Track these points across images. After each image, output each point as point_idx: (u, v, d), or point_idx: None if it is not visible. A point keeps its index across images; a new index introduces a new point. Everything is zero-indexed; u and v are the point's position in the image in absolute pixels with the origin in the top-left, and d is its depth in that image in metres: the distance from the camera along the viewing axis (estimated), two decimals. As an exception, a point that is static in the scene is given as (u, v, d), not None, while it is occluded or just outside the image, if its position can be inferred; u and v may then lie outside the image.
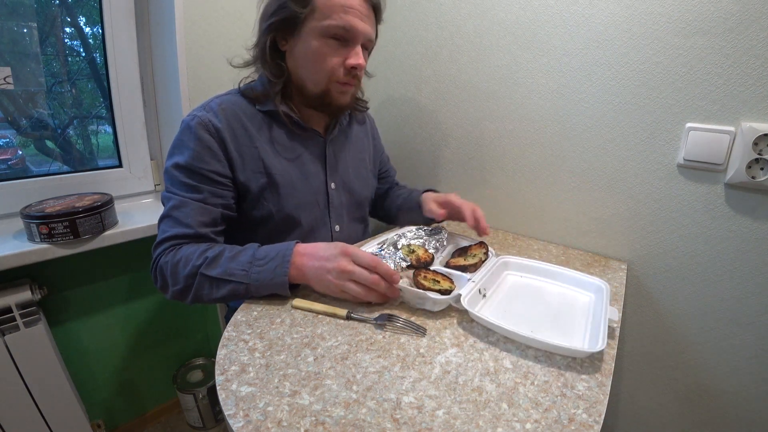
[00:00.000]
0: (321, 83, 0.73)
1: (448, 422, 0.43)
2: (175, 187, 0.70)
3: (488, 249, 0.79)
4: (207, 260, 0.65)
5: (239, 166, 0.73)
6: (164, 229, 0.70)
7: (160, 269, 0.68)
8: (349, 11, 0.68)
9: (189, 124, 0.71)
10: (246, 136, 0.73)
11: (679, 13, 0.73)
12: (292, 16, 0.69)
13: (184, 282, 0.65)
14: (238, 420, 0.42)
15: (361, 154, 0.92)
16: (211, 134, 0.70)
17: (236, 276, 0.64)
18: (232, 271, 0.64)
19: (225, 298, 0.65)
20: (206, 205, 0.70)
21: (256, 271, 0.63)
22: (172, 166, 0.71)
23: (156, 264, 0.69)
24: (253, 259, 0.65)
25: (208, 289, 0.65)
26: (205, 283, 0.64)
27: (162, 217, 0.71)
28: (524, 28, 0.91)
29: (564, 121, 0.91)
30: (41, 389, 0.89)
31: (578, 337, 0.59)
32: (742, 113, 0.72)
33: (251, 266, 0.64)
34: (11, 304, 0.84)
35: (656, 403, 0.94)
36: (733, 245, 0.77)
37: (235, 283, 0.63)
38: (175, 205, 0.69)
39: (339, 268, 0.62)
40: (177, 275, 0.66)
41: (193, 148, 0.69)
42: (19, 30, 0.92)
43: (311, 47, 0.70)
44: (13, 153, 0.99)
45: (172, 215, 0.69)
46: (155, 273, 0.69)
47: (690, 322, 0.85)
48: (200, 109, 0.73)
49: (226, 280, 0.64)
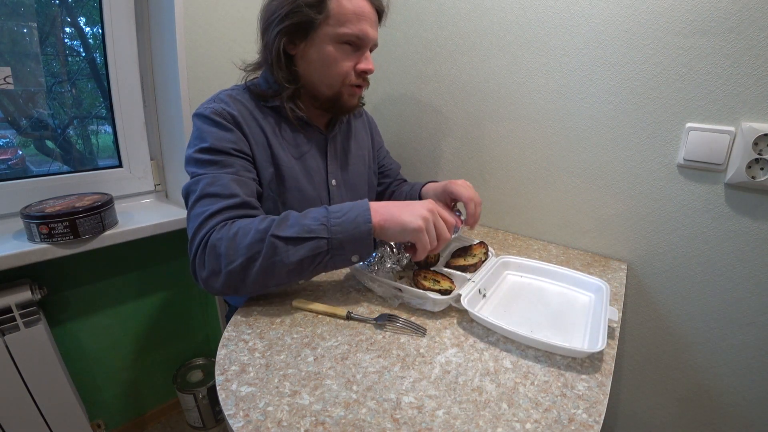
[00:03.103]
0: (334, 87, 0.74)
1: (448, 422, 0.43)
2: (202, 169, 0.66)
3: (488, 249, 0.79)
4: (275, 222, 0.59)
5: (256, 153, 0.72)
6: (202, 209, 0.62)
7: (212, 248, 0.59)
8: (362, 19, 0.70)
9: (203, 114, 0.70)
10: (256, 126, 0.73)
11: (679, 13, 0.73)
12: (307, 21, 0.68)
13: (246, 252, 0.57)
14: (238, 420, 0.42)
15: (361, 150, 0.92)
16: (227, 120, 0.70)
17: (315, 231, 0.58)
18: (309, 227, 0.58)
19: (302, 262, 0.58)
20: (241, 178, 0.66)
21: (336, 223, 0.59)
22: (195, 151, 0.67)
23: (201, 246, 0.60)
24: (329, 213, 0.60)
25: (282, 253, 0.57)
26: (278, 246, 0.58)
27: (196, 199, 0.64)
28: (524, 28, 0.91)
29: (564, 121, 0.91)
30: (41, 389, 0.89)
31: (578, 337, 0.59)
32: (742, 113, 0.72)
33: (328, 219, 0.59)
34: (11, 304, 0.84)
35: (656, 403, 0.94)
36: (733, 245, 0.77)
37: (316, 240, 0.58)
38: (209, 182, 0.64)
39: (432, 208, 0.62)
40: (236, 248, 0.58)
41: (215, 132, 0.68)
42: (19, 30, 0.92)
43: (325, 52, 0.71)
44: (13, 153, 0.99)
45: (209, 192, 0.63)
46: (202, 256, 0.60)
47: (690, 322, 0.85)
48: (210, 101, 0.72)
49: (303, 238, 0.58)
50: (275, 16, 0.69)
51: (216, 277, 0.59)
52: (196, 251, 0.61)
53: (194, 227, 0.62)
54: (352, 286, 0.72)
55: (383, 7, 0.75)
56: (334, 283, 0.73)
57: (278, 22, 0.69)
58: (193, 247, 0.61)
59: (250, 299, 0.67)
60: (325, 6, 0.68)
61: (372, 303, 0.66)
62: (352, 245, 0.59)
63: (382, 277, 0.68)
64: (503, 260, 0.78)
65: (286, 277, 0.59)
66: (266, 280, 0.59)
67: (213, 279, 0.59)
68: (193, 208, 0.63)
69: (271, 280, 0.59)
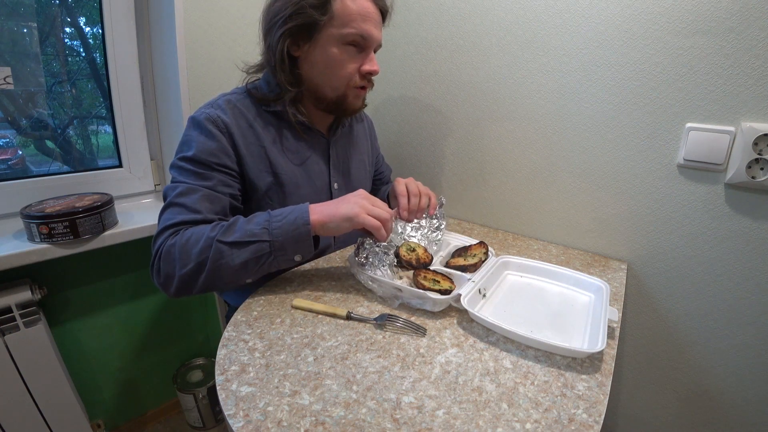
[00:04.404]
0: (339, 89, 0.74)
1: (448, 422, 0.43)
2: (182, 176, 0.68)
3: (488, 249, 0.79)
4: (222, 228, 0.62)
5: (248, 163, 0.72)
6: (168, 217, 0.66)
7: (166, 254, 0.63)
8: (366, 19, 0.69)
9: (197, 120, 0.70)
10: (253, 135, 0.73)
11: (679, 13, 0.73)
12: (311, 22, 0.68)
13: (196, 258, 0.61)
14: (238, 420, 0.42)
15: (362, 155, 0.92)
16: (220, 129, 0.70)
17: (257, 235, 0.61)
18: (251, 232, 0.62)
19: (247, 264, 0.62)
20: (215, 193, 0.68)
21: (277, 226, 0.62)
22: (180, 158, 0.69)
23: (158, 253, 0.64)
24: (270, 217, 0.64)
25: (227, 257, 0.61)
26: (224, 251, 0.61)
27: (166, 205, 0.67)
28: (524, 28, 0.91)
29: (564, 121, 0.91)
30: (41, 389, 0.89)
31: (578, 337, 0.59)
32: (742, 113, 0.72)
33: (270, 223, 0.63)
34: (11, 304, 0.84)
35: (656, 403, 0.94)
36: (733, 245, 0.77)
37: (258, 243, 0.61)
38: (181, 192, 0.66)
39: (363, 194, 0.67)
40: (188, 254, 0.61)
41: (202, 141, 0.69)
42: (19, 30, 0.92)
43: (330, 54, 0.70)
44: (13, 153, 0.99)
45: (178, 202, 0.66)
46: (158, 262, 0.64)
47: (690, 322, 0.85)
48: (208, 106, 0.72)
49: (246, 242, 0.61)
50: (278, 17, 0.68)
51: (170, 280, 0.63)
52: (154, 258, 0.65)
53: (157, 232, 0.66)
54: (352, 286, 0.72)
55: (387, 8, 0.74)
56: (334, 283, 0.73)
57: (281, 24, 0.68)
58: (152, 253, 0.66)
59: (250, 299, 0.67)
60: (329, 7, 0.67)
61: (372, 303, 0.66)
62: (293, 246, 0.63)
63: (380, 272, 0.68)
64: (503, 260, 0.78)
65: (232, 277, 0.63)
66: (215, 281, 0.63)
67: (168, 282, 0.64)
68: (164, 213, 0.67)
69: (219, 281, 0.63)
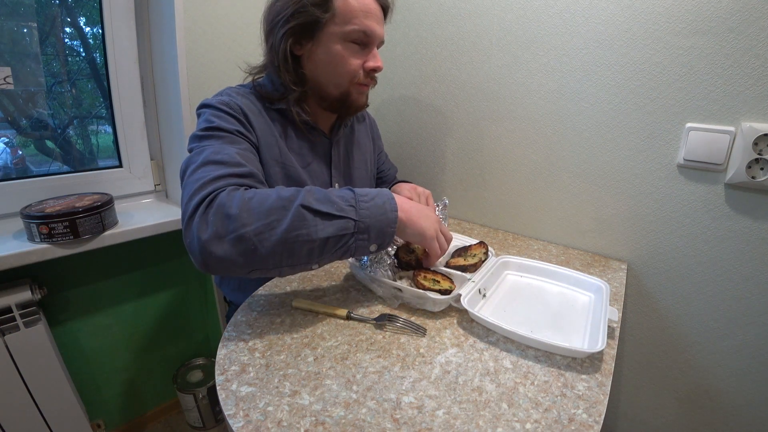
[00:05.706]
0: (343, 86, 0.73)
1: (448, 422, 0.43)
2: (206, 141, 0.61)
3: (488, 249, 0.79)
4: (302, 192, 0.54)
5: (263, 145, 0.70)
6: (202, 175, 0.55)
7: (219, 207, 0.51)
8: (368, 15, 0.69)
9: (211, 104, 0.68)
10: (264, 123, 0.72)
11: (679, 13, 0.73)
12: (313, 20, 0.67)
13: (266, 217, 0.50)
14: (238, 420, 0.42)
15: (364, 155, 0.92)
16: (235, 111, 0.68)
17: (345, 211, 0.55)
18: (339, 206, 0.55)
19: (328, 241, 0.54)
20: (247, 154, 0.63)
21: (364, 206, 0.56)
22: (201, 129, 0.63)
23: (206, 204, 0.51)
24: (356, 195, 0.57)
25: (311, 225, 0.52)
26: (307, 218, 0.52)
27: (196, 168, 0.56)
28: (524, 28, 0.91)
29: (564, 121, 0.91)
30: (41, 389, 0.89)
31: (578, 337, 0.59)
32: (742, 113, 0.72)
33: (357, 201, 0.56)
34: (11, 304, 0.84)
35: (656, 403, 0.94)
36: (733, 245, 0.77)
37: (345, 219, 0.54)
38: (213, 152, 0.58)
39: (438, 219, 0.67)
40: (252, 210, 0.51)
41: (222, 116, 0.66)
42: (19, 30, 0.92)
43: (333, 51, 0.70)
44: (14, 153, 0.99)
45: (213, 159, 0.57)
46: (205, 217, 0.51)
47: (690, 322, 0.85)
48: (218, 95, 0.71)
49: (333, 215, 0.54)
50: (280, 17, 0.68)
51: (220, 241, 0.49)
52: (195, 209, 0.51)
53: (192, 189, 0.53)
54: (352, 286, 0.72)
55: (389, 4, 0.74)
56: (334, 283, 0.73)
57: (284, 23, 0.68)
58: (191, 206, 0.52)
59: (250, 299, 0.67)
60: (331, 4, 0.67)
61: (372, 303, 0.66)
62: (377, 232, 0.57)
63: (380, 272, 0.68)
64: (503, 260, 0.78)
65: (305, 256, 0.53)
66: (282, 255, 0.52)
67: (215, 244, 0.50)
68: (192, 175, 0.55)
69: (288, 256, 0.52)
